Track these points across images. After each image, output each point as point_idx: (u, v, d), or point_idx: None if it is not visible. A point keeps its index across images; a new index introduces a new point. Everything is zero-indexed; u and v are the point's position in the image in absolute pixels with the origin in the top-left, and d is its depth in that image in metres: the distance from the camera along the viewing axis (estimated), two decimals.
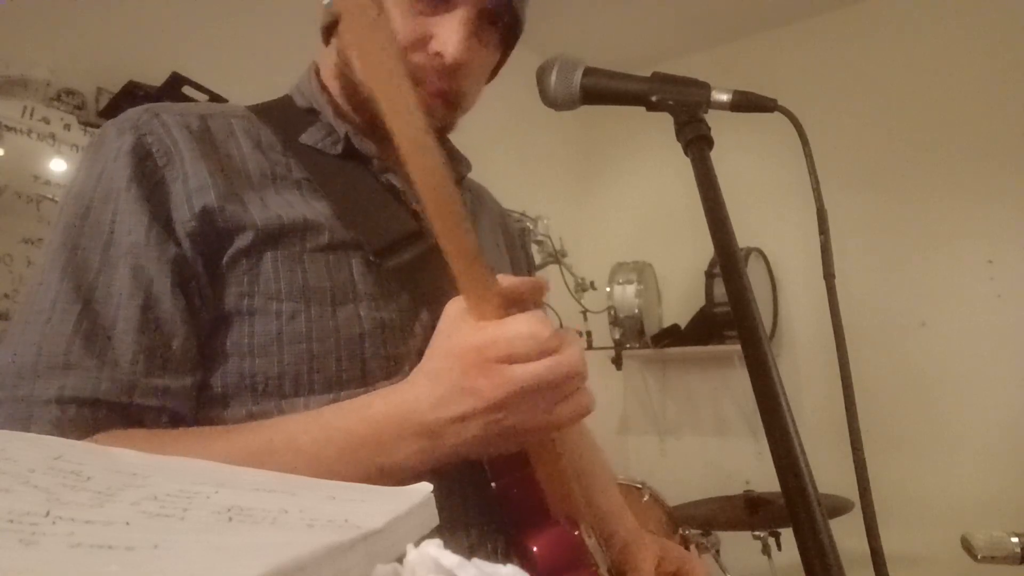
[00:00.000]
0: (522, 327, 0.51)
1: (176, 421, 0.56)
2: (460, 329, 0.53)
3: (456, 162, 0.78)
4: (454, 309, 0.54)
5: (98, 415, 0.53)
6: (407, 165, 0.49)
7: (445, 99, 0.67)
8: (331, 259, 0.61)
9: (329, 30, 0.72)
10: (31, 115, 1.52)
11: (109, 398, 0.53)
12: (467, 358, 0.51)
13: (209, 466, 0.35)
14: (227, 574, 0.22)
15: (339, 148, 0.68)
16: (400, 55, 0.47)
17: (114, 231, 0.57)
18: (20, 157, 1.50)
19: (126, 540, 0.24)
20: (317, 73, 0.73)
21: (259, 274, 0.59)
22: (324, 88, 0.71)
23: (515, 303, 0.55)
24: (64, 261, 0.56)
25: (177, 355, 0.57)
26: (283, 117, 0.70)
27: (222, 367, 0.58)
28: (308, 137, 0.68)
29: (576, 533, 0.57)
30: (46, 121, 1.54)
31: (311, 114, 0.70)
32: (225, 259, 0.59)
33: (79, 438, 0.51)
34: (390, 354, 0.61)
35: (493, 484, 0.58)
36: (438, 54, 0.64)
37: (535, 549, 0.56)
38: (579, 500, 0.61)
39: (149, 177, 0.59)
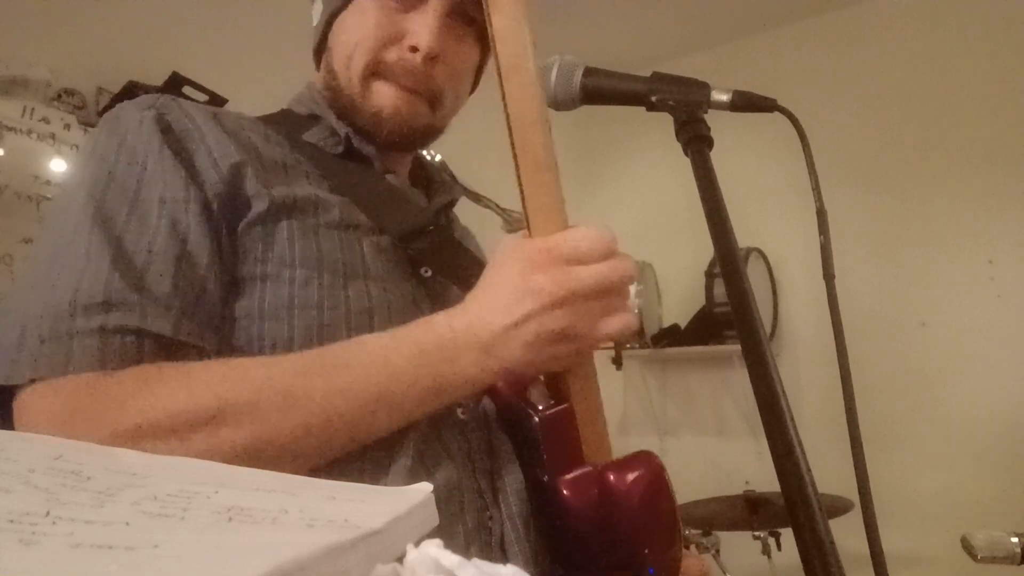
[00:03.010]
0: (586, 230, 0.54)
1: None
2: (521, 244, 0.55)
3: (448, 189, 0.81)
4: (509, 237, 0.57)
5: (143, 346, 0.52)
6: (504, 77, 0.53)
7: (425, 95, 0.70)
8: (343, 236, 0.63)
9: (320, 51, 0.76)
10: (31, 115, 1.52)
11: (155, 330, 0.52)
12: (535, 259, 0.53)
13: (209, 466, 0.35)
14: (227, 574, 0.22)
15: (340, 148, 0.70)
16: None
17: (140, 191, 0.57)
18: (20, 157, 1.50)
19: (126, 540, 0.24)
20: (314, 86, 0.77)
21: (274, 242, 0.60)
22: (324, 96, 0.74)
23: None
24: (92, 214, 0.55)
25: (204, 309, 0.56)
26: (286, 121, 0.73)
27: (229, 332, 0.58)
28: (311, 135, 0.71)
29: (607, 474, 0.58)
30: (46, 121, 1.54)
31: (312, 119, 0.73)
32: (241, 226, 0.60)
33: (121, 368, 0.50)
34: None
35: (541, 408, 0.58)
36: (413, 48, 0.67)
37: (567, 492, 0.56)
38: (609, 447, 0.61)
39: (175, 144, 0.60)
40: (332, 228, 0.63)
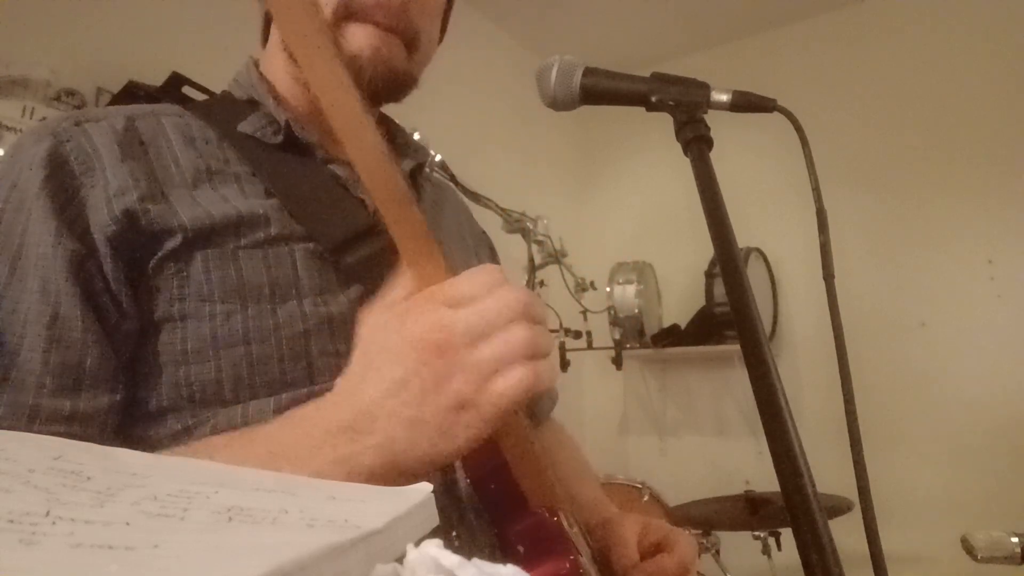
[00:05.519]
0: (469, 271, 0.48)
1: None
2: (396, 298, 0.49)
3: (412, 152, 0.77)
4: (388, 296, 0.51)
5: None
6: (345, 147, 0.49)
7: (401, 34, 0.65)
8: (270, 253, 0.57)
9: (267, 28, 0.72)
10: (31, 115, 1.52)
11: (6, 426, 0.48)
12: (409, 307, 0.47)
13: (209, 466, 0.35)
14: (227, 574, 0.22)
15: (279, 137, 0.64)
16: (327, 30, 0.47)
17: (24, 243, 0.53)
18: None
19: (126, 540, 0.24)
20: (256, 65, 0.72)
21: (189, 276, 0.54)
22: (263, 78, 0.70)
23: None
24: None
25: (91, 374, 0.52)
26: (220, 110, 0.67)
27: (155, 380, 0.54)
28: (247, 126, 0.65)
29: (555, 519, 0.56)
30: None
31: (250, 105, 0.67)
32: (152, 264, 0.54)
33: None
34: (339, 350, 0.57)
35: (467, 480, 0.56)
36: None
37: (519, 547, 0.54)
38: (557, 487, 0.58)
39: (63, 185, 0.54)
40: (257, 246, 0.57)
